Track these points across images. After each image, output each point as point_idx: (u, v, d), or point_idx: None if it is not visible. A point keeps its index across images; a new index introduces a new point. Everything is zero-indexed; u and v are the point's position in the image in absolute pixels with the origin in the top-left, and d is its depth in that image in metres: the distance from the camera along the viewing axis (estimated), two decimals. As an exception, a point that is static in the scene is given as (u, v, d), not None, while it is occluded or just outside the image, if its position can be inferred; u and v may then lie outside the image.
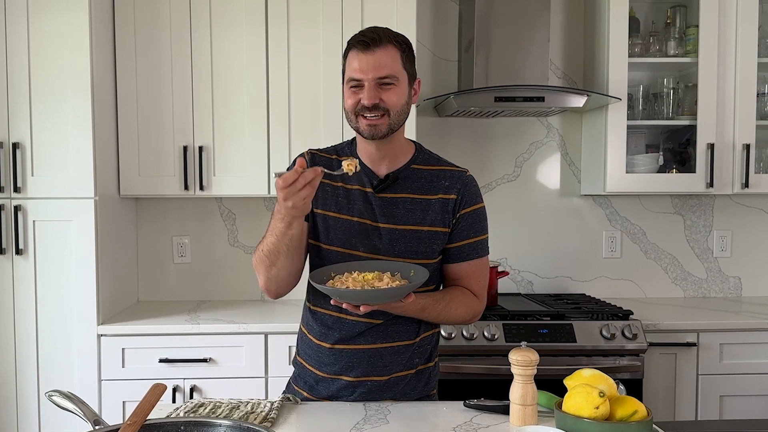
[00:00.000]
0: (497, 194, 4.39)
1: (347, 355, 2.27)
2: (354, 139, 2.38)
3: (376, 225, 2.24)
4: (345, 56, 2.22)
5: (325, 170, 2.04)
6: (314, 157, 2.33)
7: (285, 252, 2.14)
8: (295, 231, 2.09)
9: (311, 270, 2.28)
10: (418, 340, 2.32)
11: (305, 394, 2.36)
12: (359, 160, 2.28)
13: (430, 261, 2.26)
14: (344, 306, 2.04)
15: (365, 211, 2.24)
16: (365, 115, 2.15)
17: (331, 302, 2.10)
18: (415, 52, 3.82)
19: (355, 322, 2.25)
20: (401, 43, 2.21)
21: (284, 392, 2.39)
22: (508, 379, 1.95)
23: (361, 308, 2.02)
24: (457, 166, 2.36)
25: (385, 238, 2.23)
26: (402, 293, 2.02)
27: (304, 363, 2.39)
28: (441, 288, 2.40)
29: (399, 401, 2.27)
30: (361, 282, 2.05)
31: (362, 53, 2.14)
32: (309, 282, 2.25)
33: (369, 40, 2.14)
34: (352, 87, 2.17)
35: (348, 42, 2.21)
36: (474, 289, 2.35)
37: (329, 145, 2.44)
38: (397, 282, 2.07)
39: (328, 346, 2.29)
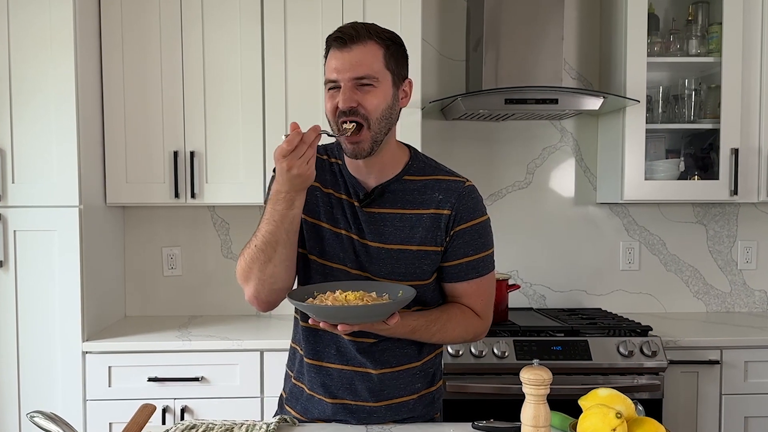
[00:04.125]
0: (507, 202, 4.40)
1: (342, 377, 2.24)
2: None
3: (364, 242, 2.18)
4: (325, 56, 2.15)
5: (325, 131, 2.01)
6: None
7: (285, 240, 2.05)
8: (297, 210, 2.02)
9: (299, 284, 2.27)
10: (420, 364, 2.29)
11: (299, 416, 2.33)
12: (345, 166, 2.25)
13: (422, 282, 2.20)
14: (321, 326, 1.96)
15: (353, 225, 2.19)
16: (344, 120, 2.07)
17: (309, 321, 2.03)
18: (420, 51, 3.84)
19: (350, 341, 2.21)
20: (385, 39, 2.11)
21: (276, 413, 2.39)
22: (520, 399, 1.95)
23: (338, 327, 1.93)
24: (456, 175, 2.27)
25: (373, 256, 2.17)
26: (383, 312, 1.94)
27: (295, 381, 2.37)
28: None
29: (401, 424, 2.27)
30: (342, 302, 1.96)
31: (339, 51, 2.07)
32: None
33: (346, 36, 2.06)
34: (330, 89, 2.10)
35: (326, 40, 2.13)
36: (476, 309, 2.28)
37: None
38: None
39: (321, 365, 2.26)
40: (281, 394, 2.48)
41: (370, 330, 2.04)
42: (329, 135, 2.05)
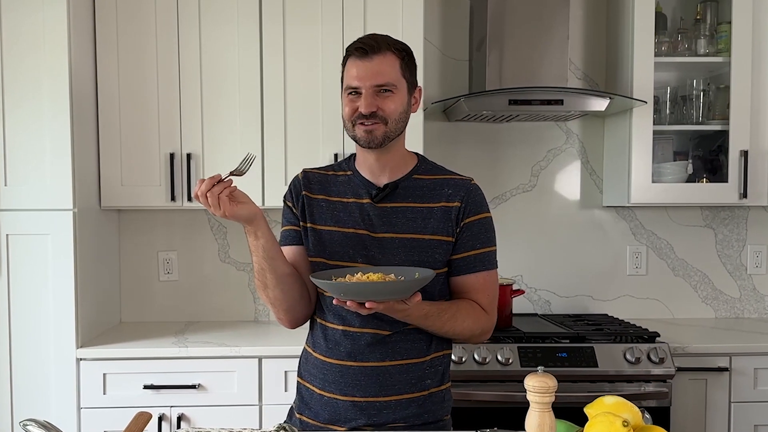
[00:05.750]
0: (511, 206, 4.41)
1: (354, 373, 2.32)
2: (352, 155, 2.50)
3: (375, 235, 2.33)
4: (343, 64, 2.36)
5: (226, 174, 2.24)
6: (307, 176, 2.48)
7: (267, 267, 2.29)
8: (262, 241, 2.26)
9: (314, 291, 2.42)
10: (429, 359, 2.37)
11: (310, 421, 2.40)
12: (358, 172, 2.43)
13: (433, 271, 2.29)
14: (348, 304, 2.06)
15: (362, 222, 2.35)
16: (363, 122, 2.27)
17: (334, 302, 2.12)
18: (422, 51, 3.85)
19: (361, 333, 2.31)
20: (400, 50, 2.33)
21: (285, 421, 2.41)
22: (524, 407, 1.95)
23: (366, 304, 2.03)
24: (461, 175, 2.45)
25: (385, 247, 2.32)
26: (409, 288, 2.05)
27: (307, 384, 2.44)
28: None
29: (411, 426, 2.32)
30: (366, 281, 2.09)
31: (360, 60, 2.28)
32: (318, 294, 2.42)
33: (367, 47, 2.28)
34: (349, 95, 2.31)
35: (346, 49, 2.35)
36: (482, 304, 2.40)
37: (327, 163, 2.56)
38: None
39: (334, 362, 2.35)
40: (291, 405, 2.55)
41: (390, 312, 2.14)
42: (233, 173, 2.28)
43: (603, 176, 4.43)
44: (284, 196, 2.49)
